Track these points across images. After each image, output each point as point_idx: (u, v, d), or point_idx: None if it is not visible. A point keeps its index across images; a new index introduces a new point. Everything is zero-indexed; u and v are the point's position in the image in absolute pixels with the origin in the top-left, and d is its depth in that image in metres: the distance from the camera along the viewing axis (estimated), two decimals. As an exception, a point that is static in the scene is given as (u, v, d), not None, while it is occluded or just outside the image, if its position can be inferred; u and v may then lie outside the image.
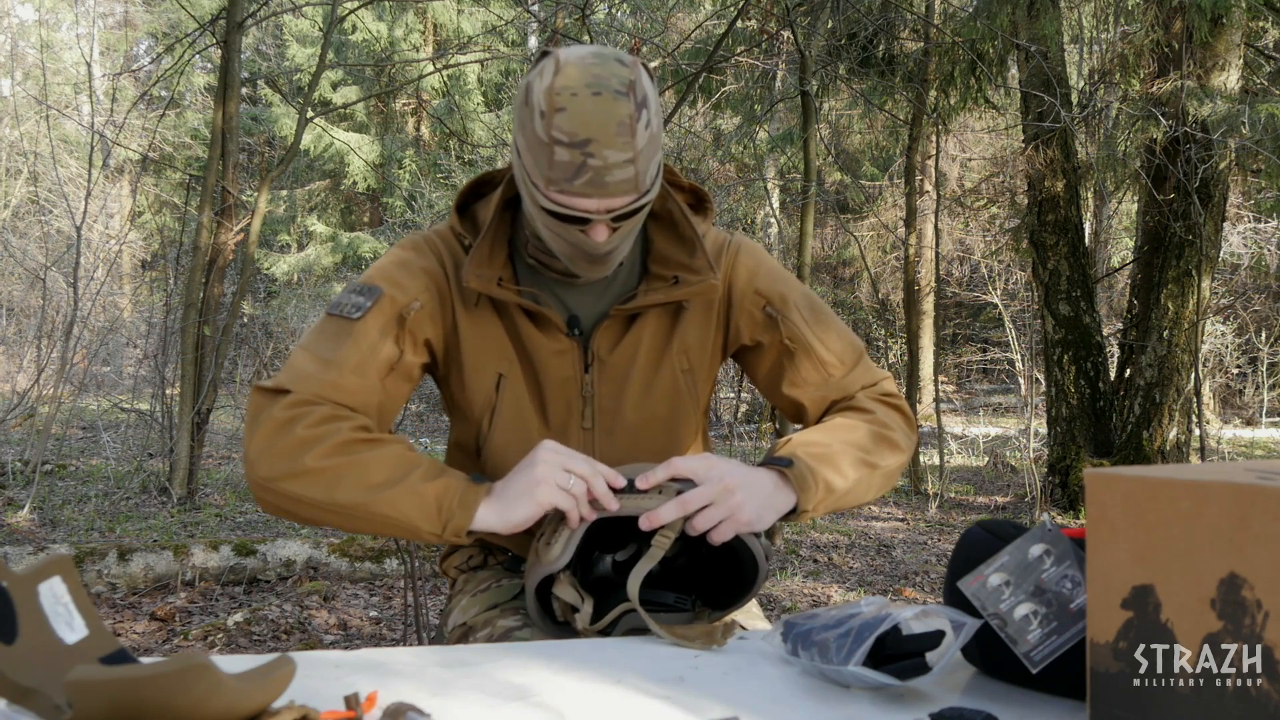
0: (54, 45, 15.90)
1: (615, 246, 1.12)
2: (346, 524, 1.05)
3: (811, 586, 4.32)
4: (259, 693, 0.68)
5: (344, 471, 1.03)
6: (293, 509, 1.05)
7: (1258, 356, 11.57)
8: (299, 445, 1.03)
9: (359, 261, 15.13)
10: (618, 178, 1.03)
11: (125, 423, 7.36)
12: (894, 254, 13.40)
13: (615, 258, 1.15)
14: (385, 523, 1.03)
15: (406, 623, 3.25)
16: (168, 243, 10.61)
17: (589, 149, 1.01)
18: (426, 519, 1.02)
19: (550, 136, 1.02)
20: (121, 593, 3.67)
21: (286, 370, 1.11)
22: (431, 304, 1.18)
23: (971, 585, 0.85)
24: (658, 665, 0.92)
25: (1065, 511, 6.09)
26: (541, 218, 1.10)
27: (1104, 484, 0.72)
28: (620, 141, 1.02)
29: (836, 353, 1.26)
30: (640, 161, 1.04)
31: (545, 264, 1.22)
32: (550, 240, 1.13)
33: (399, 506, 1.02)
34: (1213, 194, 5.93)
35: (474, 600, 1.25)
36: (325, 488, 1.03)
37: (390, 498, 1.02)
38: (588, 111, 1.01)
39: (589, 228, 1.08)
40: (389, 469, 1.03)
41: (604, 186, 1.03)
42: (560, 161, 1.02)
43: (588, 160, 1.01)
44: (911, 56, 7.07)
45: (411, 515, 1.02)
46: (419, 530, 1.02)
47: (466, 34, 14.42)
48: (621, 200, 1.06)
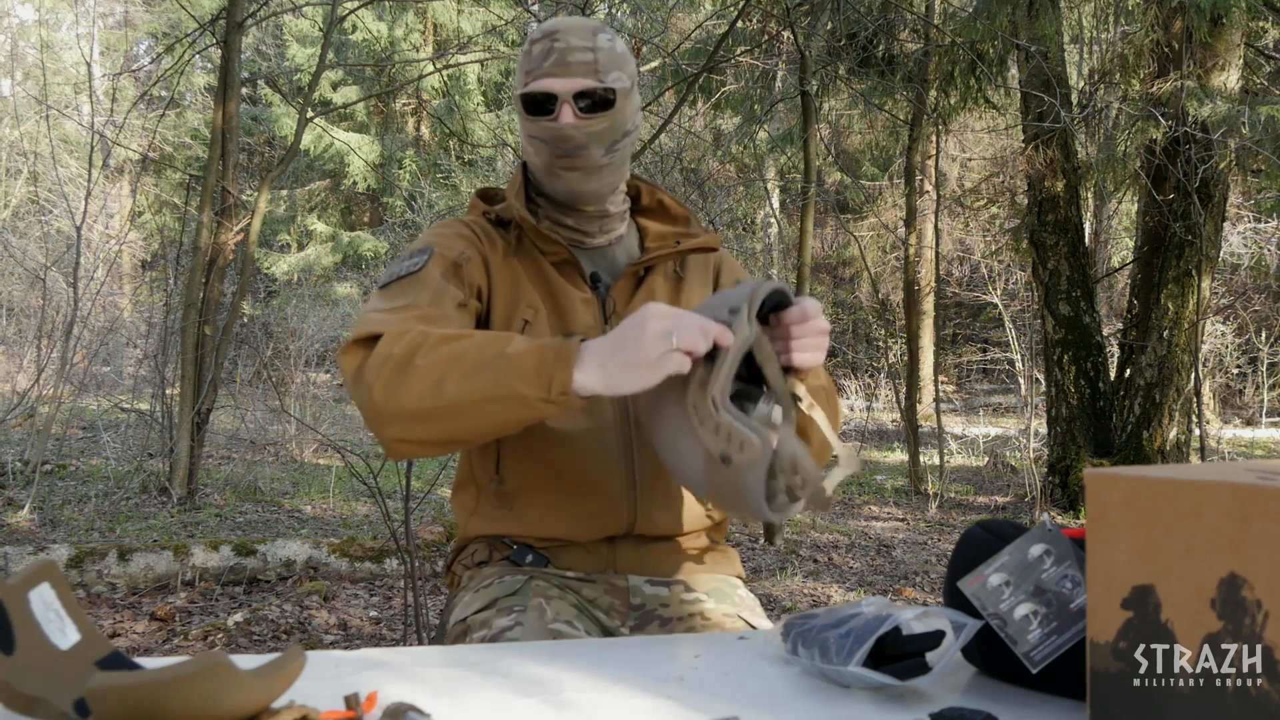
0: (54, 45, 15.90)
1: (585, 145, 1.24)
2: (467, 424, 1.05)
3: (811, 586, 4.32)
4: (274, 686, 0.69)
5: (445, 366, 1.03)
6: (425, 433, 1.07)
7: (1258, 356, 11.57)
8: (389, 359, 1.06)
9: (359, 261, 15.14)
10: (578, 59, 1.23)
11: (125, 423, 7.36)
12: (894, 254, 13.40)
13: (590, 166, 1.26)
14: (496, 403, 1.02)
15: (406, 623, 3.25)
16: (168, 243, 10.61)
17: (555, 37, 1.24)
18: (528, 383, 1.00)
19: (530, 42, 1.26)
20: (121, 593, 3.67)
21: (362, 324, 1.13)
22: (475, 257, 1.29)
23: (971, 585, 0.85)
24: (658, 665, 0.92)
25: (1065, 511, 6.09)
26: (524, 125, 1.27)
27: (1104, 484, 0.72)
28: (582, 34, 1.24)
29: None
30: (600, 56, 1.23)
31: (558, 224, 1.34)
32: (534, 153, 1.28)
33: (501, 381, 1.01)
34: (1213, 194, 5.93)
35: (476, 596, 1.25)
36: (434, 389, 1.03)
37: (492, 376, 1.02)
38: (563, 21, 1.27)
39: (556, 114, 1.23)
40: (481, 349, 1.04)
41: (566, 65, 1.22)
42: (535, 54, 1.24)
43: (554, 45, 1.23)
44: (911, 56, 7.06)
45: (515, 384, 1.01)
46: (526, 397, 1.01)
47: (466, 34, 14.43)
48: (581, 80, 1.22)
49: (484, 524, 1.32)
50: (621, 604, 1.27)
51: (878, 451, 9.69)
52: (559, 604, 1.20)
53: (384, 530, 4.07)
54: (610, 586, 1.28)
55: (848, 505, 6.62)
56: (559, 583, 1.27)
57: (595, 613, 1.26)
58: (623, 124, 1.28)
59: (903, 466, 7.92)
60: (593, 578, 1.28)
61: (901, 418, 8.45)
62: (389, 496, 3.69)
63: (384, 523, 3.57)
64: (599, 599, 1.27)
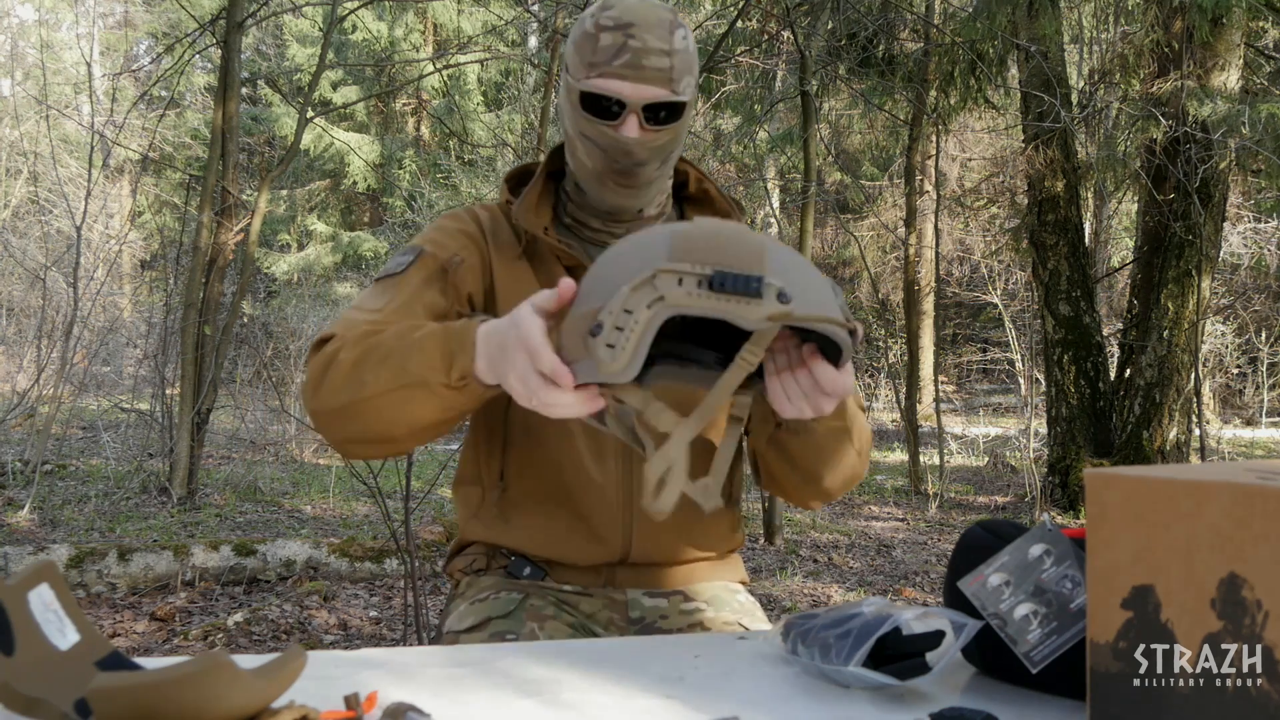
0: (54, 45, 15.90)
1: (645, 160, 1.15)
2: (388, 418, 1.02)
3: (811, 586, 4.32)
4: (274, 685, 0.69)
5: (364, 360, 1.02)
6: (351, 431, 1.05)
7: (1258, 356, 11.57)
8: (328, 360, 1.05)
9: (359, 261, 15.14)
10: (654, 64, 1.10)
11: (125, 423, 7.36)
12: (894, 254, 13.40)
13: (644, 181, 1.17)
14: (405, 391, 0.99)
15: (406, 623, 3.25)
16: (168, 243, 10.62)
17: (630, 31, 1.10)
18: (431, 367, 0.98)
19: (597, 25, 1.11)
20: (121, 593, 3.67)
21: (336, 323, 1.12)
22: (472, 260, 1.21)
23: (971, 585, 0.85)
24: (658, 664, 0.92)
25: (1065, 511, 6.08)
26: (578, 120, 1.14)
27: (1104, 484, 0.72)
28: (660, 33, 1.10)
29: None
30: (675, 59, 1.11)
31: (582, 221, 1.26)
32: (585, 154, 1.17)
33: (407, 367, 0.99)
34: (1213, 194, 5.93)
35: (470, 609, 1.23)
36: (357, 385, 1.01)
37: (399, 362, 1.00)
38: (636, 6, 1.12)
39: (621, 121, 1.12)
40: (396, 336, 1.02)
41: (640, 69, 1.10)
42: (604, 45, 1.10)
43: (628, 41, 1.09)
44: (911, 56, 7.07)
45: (419, 369, 0.98)
46: (429, 382, 0.98)
47: (466, 34, 14.42)
48: (654, 90, 1.11)
49: (483, 530, 1.30)
50: (620, 618, 1.25)
51: (878, 451, 9.69)
52: (554, 625, 1.18)
53: (384, 530, 4.07)
54: (609, 600, 1.26)
55: (848, 505, 6.62)
56: (556, 598, 1.25)
57: (593, 628, 1.24)
58: (683, 134, 1.19)
59: (903, 466, 7.92)
60: (590, 591, 1.26)
61: (901, 418, 8.45)
62: (389, 496, 3.69)
63: (384, 523, 3.57)
64: (597, 613, 1.25)
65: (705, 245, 0.81)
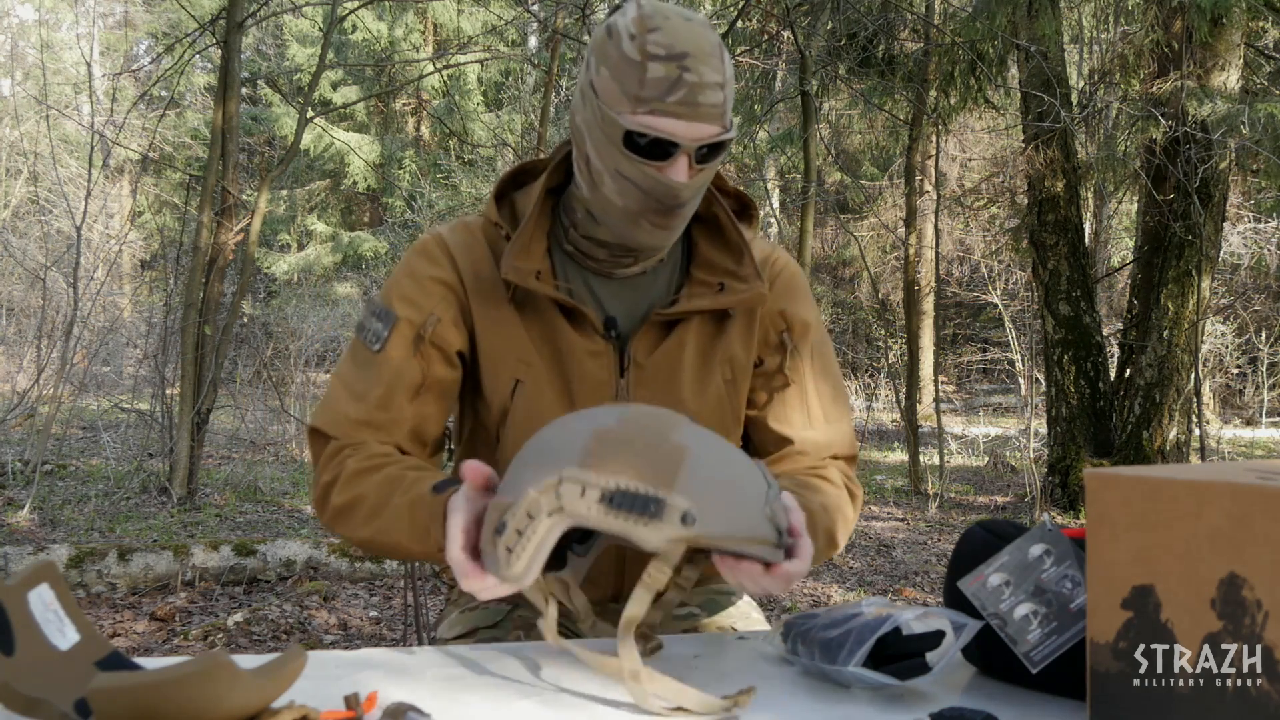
0: (54, 45, 15.90)
1: (689, 200, 1.06)
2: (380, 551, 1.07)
3: (811, 586, 4.32)
4: (275, 685, 0.70)
5: (354, 507, 1.04)
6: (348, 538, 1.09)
7: (1258, 356, 11.57)
8: (326, 489, 1.08)
9: (359, 261, 15.14)
10: (710, 99, 0.99)
11: (125, 423, 7.36)
12: (894, 254, 13.40)
13: (682, 220, 1.08)
14: (391, 549, 1.04)
15: (406, 623, 3.25)
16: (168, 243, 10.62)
17: (686, 63, 0.97)
18: (411, 537, 0.98)
19: (644, 52, 0.98)
20: (121, 593, 3.67)
21: (326, 407, 1.13)
22: (450, 313, 1.14)
23: (971, 585, 0.85)
24: (658, 665, 0.92)
25: (1065, 511, 6.08)
26: (615, 158, 1.03)
27: (1104, 484, 0.72)
28: (714, 64, 0.99)
29: (824, 406, 1.22)
30: (728, 90, 1.01)
31: (586, 252, 1.15)
32: (617, 193, 1.05)
33: (389, 530, 1.01)
34: (1213, 194, 5.93)
35: (461, 618, 1.23)
36: (349, 525, 1.05)
37: (383, 525, 1.01)
38: (683, 30, 0.99)
39: (670, 163, 1.01)
40: (377, 495, 1.02)
41: (697, 107, 0.98)
42: (655, 78, 0.97)
43: (684, 75, 0.97)
44: (911, 56, 7.07)
45: (400, 538, 1.00)
46: (413, 550, 1.00)
47: (466, 34, 14.42)
48: (709, 129, 1.00)
49: None
50: (612, 626, 1.24)
51: (878, 451, 9.69)
52: (539, 633, 1.17)
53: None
54: (601, 609, 1.22)
55: (848, 505, 6.62)
56: None
57: (581, 633, 1.23)
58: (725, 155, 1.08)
59: (903, 466, 7.92)
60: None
61: (901, 418, 8.45)
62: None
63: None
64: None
65: (619, 452, 0.78)
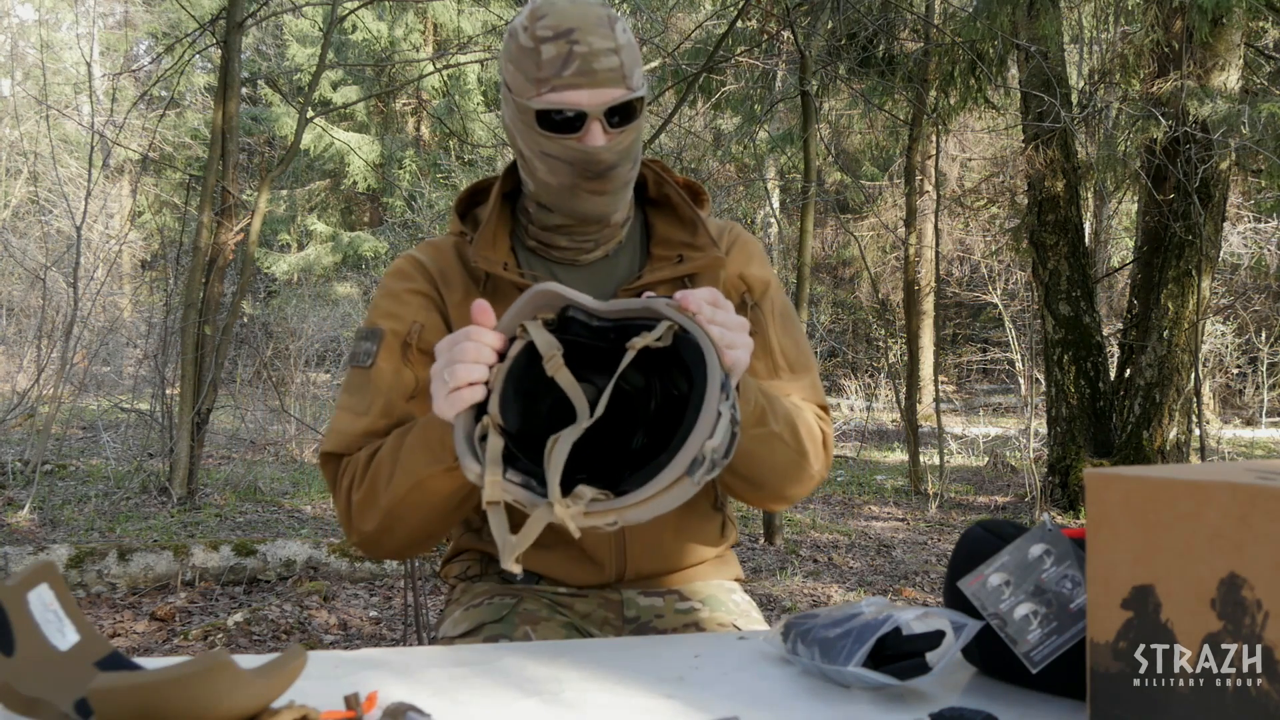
0: (54, 45, 15.90)
1: (615, 163, 1.11)
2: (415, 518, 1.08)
3: (811, 586, 4.32)
4: (275, 685, 0.70)
5: (374, 485, 1.08)
6: (383, 542, 1.12)
7: (1258, 356, 11.57)
8: (347, 494, 1.12)
9: (359, 261, 15.14)
10: (605, 65, 1.05)
11: (125, 423, 7.36)
12: (894, 254, 13.40)
13: (618, 183, 1.13)
14: (417, 492, 1.05)
15: (406, 623, 3.25)
16: (168, 243, 10.62)
17: (573, 37, 1.05)
18: (428, 462, 1.02)
19: (535, 38, 1.06)
20: (121, 593, 3.67)
21: (333, 432, 1.17)
22: (431, 319, 1.19)
23: (971, 585, 0.85)
24: (658, 664, 0.92)
25: (1065, 511, 6.09)
26: (535, 140, 1.10)
27: (1104, 484, 0.72)
28: (602, 32, 1.06)
29: (790, 359, 1.25)
30: (624, 55, 1.07)
31: (548, 243, 1.21)
32: (548, 173, 1.12)
33: (410, 470, 1.04)
34: (1213, 194, 5.93)
35: (465, 615, 1.24)
36: (378, 507, 1.08)
37: (403, 472, 1.05)
38: (568, 9, 1.07)
39: (584, 132, 1.08)
40: (390, 453, 1.07)
41: (593, 75, 1.05)
42: (548, 58, 1.05)
43: (574, 48, 1.05)
44: (911, 56, 7.06)
45: (419, 469, 1.03)
46: (433, 475, 1.03)
47: (466, 34, 14.42)
48: (612, 91, 1.07)
49: (475, 539, 1.30)
50: (615, 617, 1.25)
51: (878, 451, 9.69)
52: (546, 627, 1.18)
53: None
54: (604, 600, 1.26)
55: (848, 505, 6.62)
56: (550, 600, 1.24)
57: (588, 629, 1.24)
58: (643, 129, 1.15)
59: (903, 466, 7.93)
60: (585, 592, 1.26)
61: (901, 418, 8.45)
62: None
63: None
64: (593, 613, 1.25)
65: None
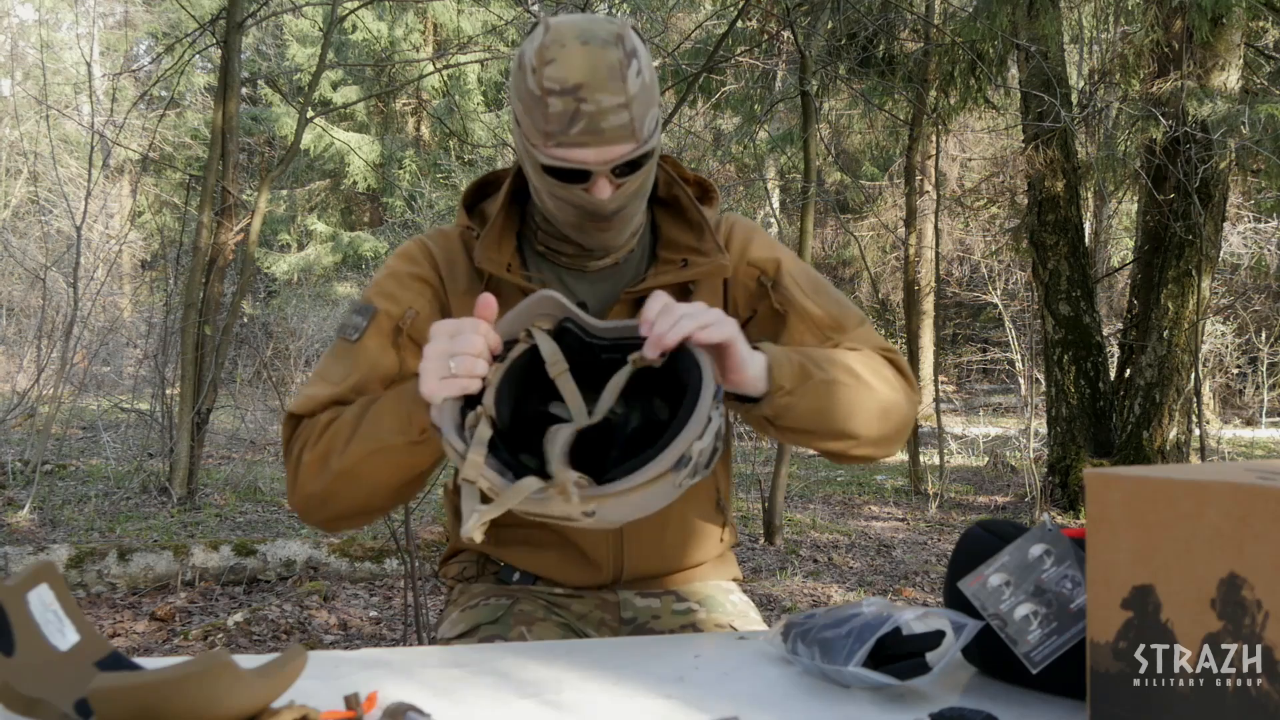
0: (54, 45, 15.90)
1: (622, 206, 1.10)
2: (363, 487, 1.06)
3: (811, 586, 4.32)
4: (275, 684, 0.70)
5: (328, 444, 1.05)
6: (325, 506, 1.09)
7: (1258, 356, 11.57)
8: (299, 454, 1.09)
9: (359, 261, 15.13)
10: (613, 123, 1.02)
11: (125, 423, 7.36)
12: (894, 254, 13.40)
13: (624, 221, 1.12)
14: (373, 458, 1.03)
15: (406, 623, 3.25)
16: (168, 243, 10.61)
17: (580, 94, 1.01)
18: (393, 429, 1.01)
19: (542, 88, 1.02)
20: (121, 593, 3.67)
21: (301, 395, 1.14)
22: (428, 309, 1.18)
23: (971, 585, 0.85)
24: (658, 664, 0.92)
25: (1065, 511, 6.08)
26: (543, 181, 1.09)
27: (1104, 484, 0.72)
28: (612, 86, 1.01)
29: (836, 318, 1.20)
30: (634, 108, 1.03)
31: (555, 249, 1.19)
32: (555, 209, 1.11)
33: (371, 435, 1.02)
34: (1213, 194, 5.93)
35: (461, 616, 1.23)
36: (327, 469, 1.05)
37: (363, 435, 1.03)
38: (576, 59, 1.01)
39: (591, 184, 1.06)
40: (354, 414, 1.05)
41: (600, 134, 1.02)
42: (555, 113, 1.02)
43: (581, 106, 1.01)
44: (911, 56, 7.06)
45: (382, 434, 1.01)
46: (395, 444, 1.01)
47: (466, 34, 14.42)
48: (619, 149, 1.04)
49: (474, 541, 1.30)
50: (612, 618, 1.25)
51: (878, 451, 9.67)
52: (542, 627, 1.17)
53: (384, 530, 4.07)
54: (601, 601, 1.25)
55: (848, 505, 6.62)
56: (546, 601, 1.24)
57: (585, 629, 1.23)
58: (655, 167, 1.13)
59: (903, 466, 7.92)
60: (582, 594, 1.25)
61: (901, 418, 8.43)
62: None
63: (384, 523, 3.57)
64: (589, 614, 1.24)
65: None
